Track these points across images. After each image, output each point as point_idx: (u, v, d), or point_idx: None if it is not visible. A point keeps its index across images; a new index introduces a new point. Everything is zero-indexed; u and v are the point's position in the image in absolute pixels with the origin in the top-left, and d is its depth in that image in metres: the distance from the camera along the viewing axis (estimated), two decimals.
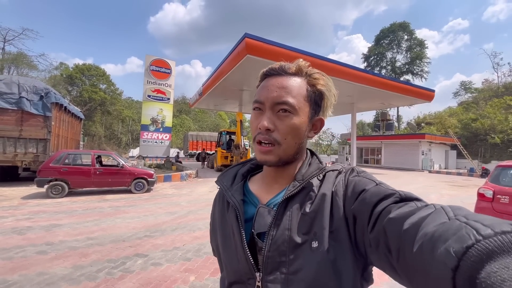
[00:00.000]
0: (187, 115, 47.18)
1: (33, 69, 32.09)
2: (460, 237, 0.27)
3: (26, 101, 8.54)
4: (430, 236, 0.30)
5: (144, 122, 18.00)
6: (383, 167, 24.46)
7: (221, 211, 0.61)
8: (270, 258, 0.49)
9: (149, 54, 18.16)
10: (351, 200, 0.48)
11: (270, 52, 9.63)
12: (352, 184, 0.50)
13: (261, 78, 0.57)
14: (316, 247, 0.47)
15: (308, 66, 0.55)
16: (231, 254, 0.54)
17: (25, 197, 6.95)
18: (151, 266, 3.03)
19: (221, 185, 0.61)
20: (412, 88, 14.86)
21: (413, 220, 0.35)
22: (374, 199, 0.44)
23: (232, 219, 0.55)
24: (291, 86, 0.52)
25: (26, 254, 3.30)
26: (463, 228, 0.28)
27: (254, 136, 0.54)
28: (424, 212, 0.35)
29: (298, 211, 0.50)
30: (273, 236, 0.49)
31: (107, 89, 39.25)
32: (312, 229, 0.48)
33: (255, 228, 0.53)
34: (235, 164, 0.68)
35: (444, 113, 34.87)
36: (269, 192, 0.58)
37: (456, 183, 13.25)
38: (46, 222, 4.71)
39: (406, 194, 0.43)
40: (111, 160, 8.42)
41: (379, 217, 0.41)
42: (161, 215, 5.42)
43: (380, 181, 0.50)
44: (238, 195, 0.57)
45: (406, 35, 39.53)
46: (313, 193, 0.52)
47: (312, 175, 0.53)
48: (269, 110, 0.52)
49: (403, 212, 0.38)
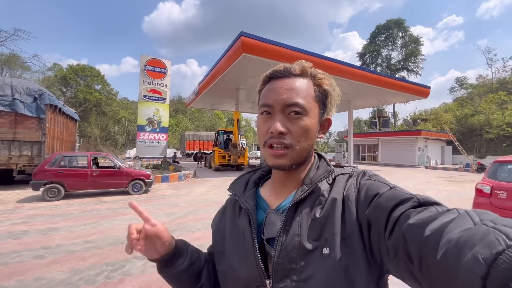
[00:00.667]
0: (184, 115, 46.97)
1: (26, 71, 31.66)
2: (488, 242, 0.25)
3: (20, 103, 8.40)
4: (455, 243, 0.28)
5: (140, 123, 17.86)
6: (380, 163, 24.62)
7: (231, 217, 0.60)
8: (280, 264, 0.47)
9: (144, 54, 17.99)
10: (365, 205, 0.46)
11: (266, 50, 9.59)
12: (365, 188, 0.48)
13: (264, 81, 0.55)
14: (327, 254, 0.45)
15: (312, 66, 0.54)
16: (240, 261, 0.53)
17: (20, 200, 6.85)
18: (151, 269, 3.00)
19: (233, 192, 0.61)
20: (408, 85, 14.94)
21: (435, 226, 0.33)
22: (390, 204, 0.42)
23: (244, 223, 0.54)
24: (299, 88, 0.51)
25: (23, 259, 3.24)
26: (491, 233, 0.26)
27: (265, 141, 0.52)
28: (446, 217, 0.33)
29: (308, 216, 0.49)
30: (283, 242, 0.48)
31: (102, 89, 38.91)
32: (322, 235, 0.47)
33: (264, 234, 0.52)
34: (246, 172, 0.67)
35: (440, 109, 35.16)
36: (278, 197, 0.57)
37: (453, 178, 13.39)
38: (42, 225, 4.64)
39: (424, 198, 0.41)
40: (108, 161, 8.33)
41: (396, 223, 0.39)
42: (160, 216, 5.38)
43: (394, 184, 0.47)
44: (251, 200, 0.56)
45: (401, 32, 39.73)
46: (323, 198, 0.50)
47: (321, 178, 0.52)
48: (279, 113, 0.51)
49: (423, 217, 0.35)
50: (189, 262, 0.59)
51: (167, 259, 0.57)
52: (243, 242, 0.53)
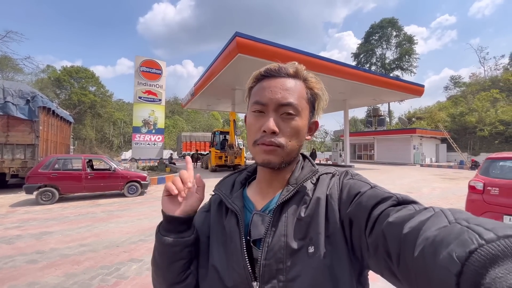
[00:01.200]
0: (180, 116, 46.76)
1: (18, 73, 31.25)
2: (462, 241, 0.26)
3: (12, 105, 8.27)
4: (432, 241, 0.29)
5: (136, 124, 17.74)
6: (377, 162, 24.80)
7: (216, 218, 0.59)
8: (267, 266, 0.47)
9: (139, 55, 17.87)
10: (347, 204, 0.47)
11: (262, 50, 9.60)
12: (347, 187, 0.50)
13: (257, 78, 0.55)
14: (312, 253, 0.46)
15: (305, 69, 0.55)
16: (225, 262, 0.52)
17: (13, 204, 6.75)
18: (147, 271, 2.98)
19: (219, 193, 0.60)
20: (403, 83, 15.09)
21: (413, 224, 0.34)
22: (371, 202, 0.43)
23: (231, 224, 0.54)
24: (293, 88, 0.52)
25: (16, 264, 3.19)
26: (465, 232, 0.27)
27: (256, 139, 0.52)
28: (423, 215, 0.34)
29: (293, 216, 0.50)
30: (269, 243, 0.48)
31: (97, 91, 38.56)
32: (308, 234, 0.48)
33: (250, 235, 0.52)
34: (231, 173, 0.66)
35: (434, 107, 35.57)
36: (264, 198, 0.57)
37: (447, 176, 13.54)
38: (36, 230, 4.58)
39: (403, 197, 0.42)
40: (103, 163, 8.25)
41: (377, 221, 0.40)
42: (156, 218, 5.34)
43: (375, 184, 0.49)
44: (238, 201, 0.56)
45: (395, 31, 40.15)
46: (307, 197, 0.51)
47: (306, 178, 0.53)
48: (273, 112, 0.51)
49: (402, 215, 0.37)
50: (195, 238, 0.56)
51: (183, 221, 0.54)
52: (230, 243, 0.52)
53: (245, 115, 0.61)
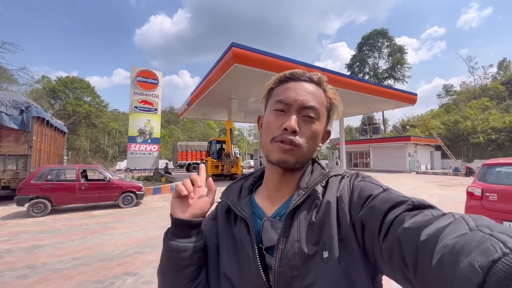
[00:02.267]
0: (176, 126, 46.66)
1: (13, 83, 30.99)
2: (485, 250, 0.25)
3: (5, 115, 8.17)
4: (451, 248, 0.28)
5: (131, 134, 17.59)
6: (373, 170, 24.89)
7: (224, 226, 0.57)
8: (282, 273, 0.46)
9: (135, 65, 17.95)
10: (358, 207, 0.46)
11: (257, 60, 9.71)
12: (358, 189, 0.49)
13: (281, 80, 0.56)
14: (327, 257, 0.44)
15: (326, 80, 0.57)
16: (237, 272, 0.50)
17: (3, 217, 6.53)
18: (142, 285, 2.87)
19: (227, 200, 0.58)
20: (396, 92, 15.37)
21: (431, 231, 0.32)
22: (385, 206, 0.42)
23: (242, 232, 0.52)
24: (317, 94, 0.54)
25: (4, 279, 3.05)
26: (487, 240, 0.26)
27: (275, 136, 0.51)
28: (442, 222, 0.33)
29: (305, 221, 0.48)
30: (283, 249, 0.47)
31: (92, 101, 38.41)
32: (321, 239, 0.46)
33: (263, 242, 0.50)
34: (237, 179, 0.65)
35: (427, 115, 36.20)
36: (273, 203, 0.56)
37: (443, 182, 13.62)
38: (26, 243, 4.41)
39: (419, 201, 0.40)
40: (97, 174, 8.11)
41: (391, 226, 0.38)
42: (152, 229, 5.22)
43: (387, 186, 0.48)
44: (247, 208, 0.54)
45: (386, 41, 41.30)
46: (318, 201, 0.50)
47: (316, 181, 0.52)
48: (295, 112, 0.52)
49: (418, 221, 0.35)
50: (204, 243, 0.55)
51: (192, 225, 0.53)
52: (241, 251, 0.51)
53: (259, 116, 0.61)
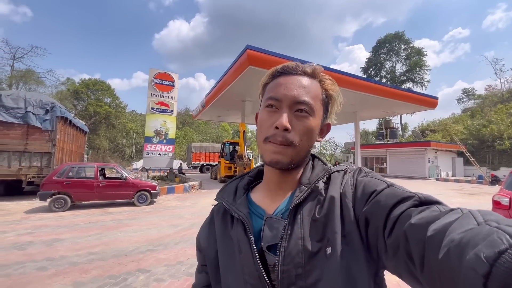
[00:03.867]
0: (190, 127, 47.51)
1: (40, 85, 32.88)
2: (491, 241, 0.25)
3: (32, 115, 8.65)
4: (458, 242, 0.28)
5: (147, 134, 18.07)
6: (389, 175, 24.07)
7: (221, 229, 0.56)
8: (286, 272, 0.44)
9: (153, 68, 18.50)
10: (362, 202, 0.45)
11: (272, 63, 9.66)
12: (362, 184, 0.48)
13: (273, 75, 0.54)
14: (330, 254, 0.44)
15: (322, 70, 0.54)
16: (237, 276, 0.49)
17: (28, 211, 6.89)
18: (154, 282, 2.91)
19: (222, 201, 0.58)
20: (415, 95, 14.83)
21: (438, 226, 0.32)
22: (390, 201, 0.41)
23: (239, 233, 0.50)
24: (309, 87, 0.51)
25: (26, 270, 3.20)
26: (494, 232, 0.26)
27: (267, 136, 0.50)
28: (450, 217, 0.32)
29: (308, 218, 0.47)
30: (286, 247, 0.45)
31: (112, 102, 39.89)
32: (325, 235, 0.46)
33: (264, 241, 0.49)
34: (233, 179, 0.64)
35: (449, 120, 34.61)
36: (274, 201, 0.54)
37: (466, 191, 12.93)
38: (47, 236, 4.62)
39: (425, 196, 0.40)
40: (115, 172, 8.39)
41: (397, 222, 0.38)
42: (164, 228, 5.31)
43: (391, 182, 0.47)
44: (243, 208, 0.53)
45: (403, 44, 39.97)
46: (321, 197, 0.49)
47: (319, 177, 0.51)
48: (287, 109, 0.50)
49: (426, 216, 0.35)
50: None
51: None
52: (239, 254, 0.49)
53: (257, 112, 0.58)
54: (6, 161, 8.30)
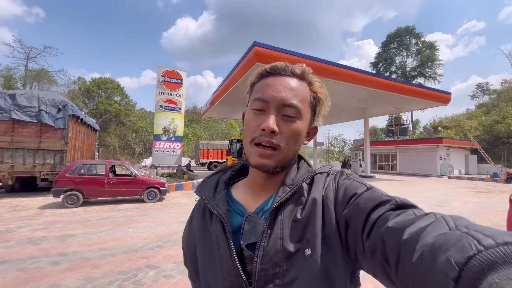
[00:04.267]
0: (198, 125, 47.85)
1: (53, 84, 33.73)
2: (461, 247, 0.26)
3: (45, 114, 8.88)
4: (431, 246, 0.29)
5: (156, 132, 18.30)
6: (399, 173, 23.63)
7: (200, 224, 0.56)
8: (263, 270, 0.45)
9: (161, 66, 18.65)
10: (343, 205, 0.46)
11: (280, 59, 9.39)
12: (343, 187, 0.49)
13: (261, 75, 0.53)
14: (309, 255, 0.45)
15: (311, 72, 0.54)
16: (215, 272, 0.49)
17: (42, 207, 7.10)
18: (163, 279, 2.94)
19: (201, 195, 0.57)
20: (427, 91, 14.43)
21: (413, 230, 0.33)
22: (369, 205, 0.42)
23: (217, 231, 0.50)
24: (298, 89, 0.51)
25: (40, 265, 3.29)
26: (464, 238, 0.27)
27: (253, 137, 0.49)
28: (424, 221, 0.34)
29: (289, 218, 0.48)
30: (265, 246, 0.46)
31: (121, 101, 40.55)
32: (304, 236, 0.46)
33: (243, 239, 0.49)
34: (215, 172, 0.63)
35: (462, 116, 33.59)
36: (256, 200, 0.54)
37: (480, 189, 12.54)
38: (60, 232, 4.74)
39: (402, 200, 0.41)
40: (125, 169, 8.53)
41: (375, 225, 0.39)
42: (173, 224, 5.36)
43: (371, 185, 0.48)
44: (222, 204, 0.53)
45: (414, 38, 38.82)
46: (303, 198, 0.50)
47: (302, 179, 0.51)
48: (274, 111, 0.49)
49: (402, 220, 0.36)
50: None
51: None
52: (217, 251, 0.49)
53: (243, 112, 0.57)
54: (21, 158, 8.57)
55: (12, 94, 8.76)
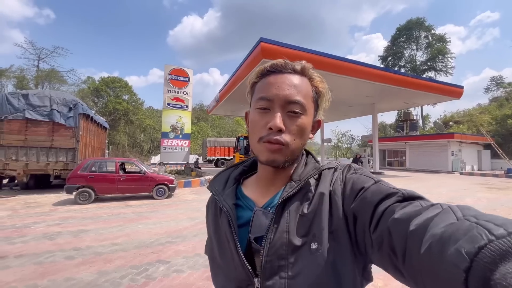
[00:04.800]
0: (205, 122, 48.11)
1: (63, 84, 34.50)
2: (471, 237, 0.26)
3: (57, 113, 9.10)
4: (439, 237, 0.29)
5: (164, 130, 18.51)
6: (409, 169, 23.24)
7: (214, 217, 0.59)
8: (269, 262, 0.47)
9: (168, 64, 18.78)
10: (350, 199, 0.47)
11: (286, 55, 9.35)
12: (351, 182, 0.49)
13: (262, 74, 0.54)
14: (315, 249, 0.45)
15: (311, 67, 0.55)
16: (228, 261, 0.52)
17: (55, 203, 7.31)
18: (173, 273, 2.99)
19: (212, 190, 0.59)
20: (438, 85, 14.06)
21: (420, 221, 0.33)
22: (376, 198, 0.42)
23: (224, 225, 0.53)
24: (301, 86, 0.52)
25: (55, 259, 3.40)
26: (474, 228, 0.27)
27: (261, 136, 0.50)
28: (431, 212, 0.34)
29: (296, 213, 0.49)
30: (271, 239, 0.48)
31: (130, 99, 41.12)
32: (311, 231, 0.47)
33: (252, 232, 0.51)
34: (227, 167, 0.65)
35: (475, 110, 32.63)
36: (265, 195, 0.56)
37: (493, 185, 12.21)
38: (74, 227, 4.88)
39: (409, 192, 0.41)
40: (134, 167, 8.68)
41: (382, 217, 0.39)
42: (182, 220, 5.44)
43: (378, 178, 0.48)
44: (229, 199, 0.55)
45: (424, 31, 37.70)
46: (310, 193, 0.51)
47: (310, 174, 0.52)
48: (279, 109, 0.50)
49: (408, 212, 0.36)
50: None
51: None
52: (227, 243, 0.52)
53: (246, 112, 0.59)
54: (35, 156, 8.83)
55: (25, 94, 9.00)
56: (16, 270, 3.08)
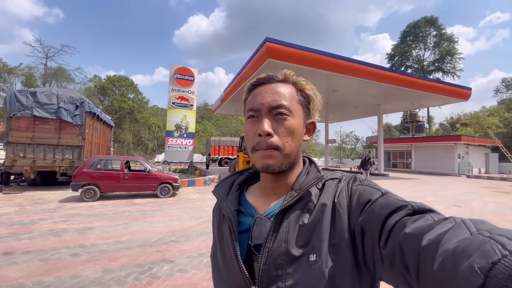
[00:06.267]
0: (209, 121, 48.25)
1: (70, 82, 34.93)
2: (484, 252, 0.26)
3: (64, 110, 9.21)
4: (452, 252, 0.28)
5: (169, 129, 18.60)
6: (414, 171, 22.97)
7: (218, 222, 0.60)
8: (266, 271, 0.47)
9: (173, 63, 18.86)
10: (357, 212, 0.45)
11: (291, 55, 9.50)
12: (357, 194, 0.48)
13: (249, 89, 0.57)
14: (314, 261, 0.45)
15: (293, 74, 0.56)
16: (228, 267, 0.53)
17: (62, 200, 7.40)
18: (177, 273, 3.00)
19: (217, 195, 0.60)
20: (445, 86, 13.87)
21: (432, 236, 0.32)
22: (385, 211, 0.41)
23: (226, 230, 0.54)
24: (283, 91, 0.53)
25: (61, 256, 3.43)
26: (487, 242, 0.26)
27: (254, 145, 0.52)
28: (443, 226, 0.33)
29: (295, 223, 0.49)
30: (270, 248, 0.48)
31: (135, 98, 41.45)
32: (310, 242, 0.47)
33: (252, 239, 0.51)
34: (232, 173, 0.66)
35: (482, 112, 32.09)
36: (266, 203, 0.56)
37: (501, 189, 11.99)
38: (79, 225, 4.93)
39: (419, 205, 0.40)
40: (139, 165, 8.74)
41: (392, 232, 0.38)
42: (186, 219, 5.45)
43: (386, 190, 0.47)
44: (232, 205, 0.56)
45: (434, 30, 37.16)
46: (311, 204, 0.50)
47: (310, 184, 0.52)
48: (266, 115, 0.52)
49: (420, 226, 0.35)
50: None
51: None
52: (228, 248, 0.53)
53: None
54: (42, 154, 8.95)
55: (33, 92, 9.12)
56: (23, 266, 3.12)
